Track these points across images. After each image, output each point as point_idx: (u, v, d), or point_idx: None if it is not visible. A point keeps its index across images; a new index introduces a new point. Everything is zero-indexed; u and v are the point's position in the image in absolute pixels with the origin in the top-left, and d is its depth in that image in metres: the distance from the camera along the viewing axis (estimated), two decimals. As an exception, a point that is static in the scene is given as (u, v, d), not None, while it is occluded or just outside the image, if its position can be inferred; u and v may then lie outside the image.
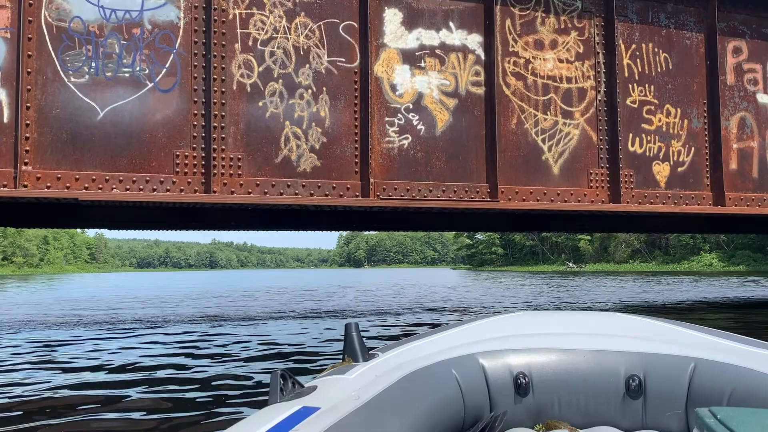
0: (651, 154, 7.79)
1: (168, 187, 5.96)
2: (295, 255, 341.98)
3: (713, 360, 1.85)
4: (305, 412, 1.37)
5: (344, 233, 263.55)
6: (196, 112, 6.11)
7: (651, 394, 1.89)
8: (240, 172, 6.20)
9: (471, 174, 7.03)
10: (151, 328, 10.06)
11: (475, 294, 20.54)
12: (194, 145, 6.09)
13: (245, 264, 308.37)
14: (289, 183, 6.34)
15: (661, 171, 7.80)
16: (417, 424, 1.63)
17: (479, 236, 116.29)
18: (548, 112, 7.41)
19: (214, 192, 6.07)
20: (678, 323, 2.14)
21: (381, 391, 1.61)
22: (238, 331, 9.25)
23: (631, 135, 7.73)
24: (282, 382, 1.57)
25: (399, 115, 6.79)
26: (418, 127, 6.86)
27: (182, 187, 6.02)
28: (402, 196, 6.68)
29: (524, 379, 1.93)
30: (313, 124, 6.49)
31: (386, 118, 6.74)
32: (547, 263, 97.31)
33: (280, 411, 1.37)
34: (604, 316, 2.22)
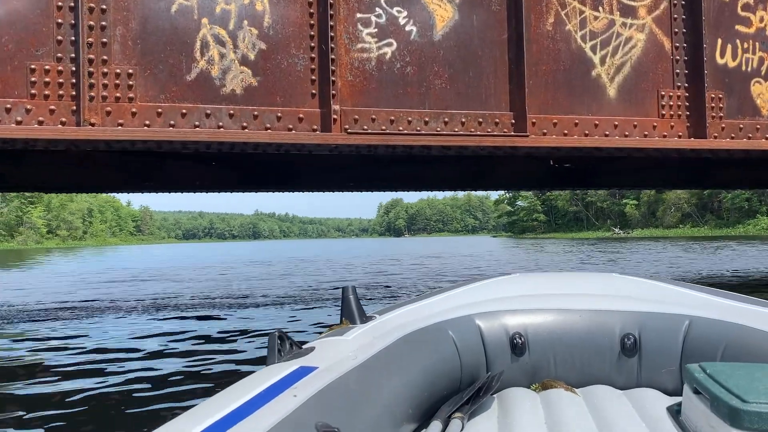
0: (749, 69, 5.42)
1: (19, 118, 3.93)
2: (336, 225, 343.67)
3: (707, 317, 1.86)
4: (303, 372, 1.38)
5: (384, 202, 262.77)
6: (61, 3, 4.04)
7: (646, 351, 1.90)
8: (132, 95, 4.13)
9: (487, 97, 4.82)
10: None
11: (522, 263, 18.49)
12: (59, 55, 4.02)
13: (288, 234, 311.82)
14: (208, 111, 4.24)
15: (765, 93, 5.44)
16: (414, 384, 1.65)
17: (520, 203, 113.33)
18: (600, 8, 5.11)
19: (92, 124, 4.02)
20: (673, 282, 2.14)
21: (378, 351, 1.63)
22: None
23: (720, 41, 5.37)
24: (280, 343, 1.55)
25: (378, 9, 4.60)
26: (408, 28, 4.67)
27: (41, 118, 3.97)
28: (383, 129, 4.52)
29: (520, 339, 1.95)
30: (246, 22, 4.36)
31: (358, 14, 4.56)
32: (592, 229, 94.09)
33: (277, 371, 1.37)
34: (600, 276, 2.26)
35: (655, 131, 5.18)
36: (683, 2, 5.29)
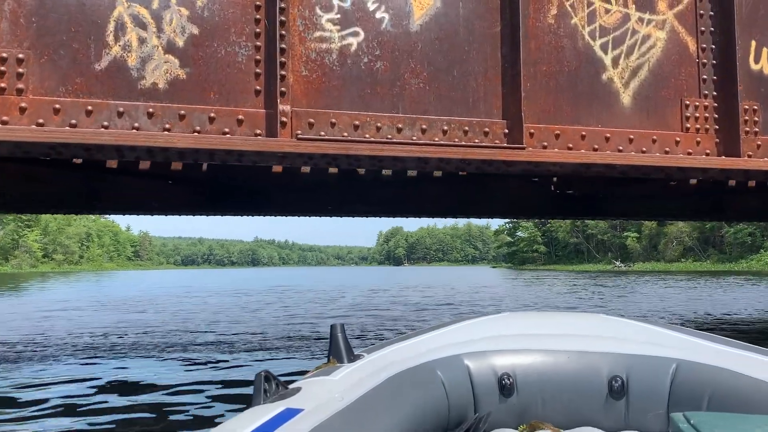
0: (788, 77, 4.56)
1: None
2: (336, 253, 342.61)
3: (694, 361, 1.86)
4: (288, 414, 1.38)
5: (383, 230, 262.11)
6: (-66, -31, 3.19)
7: (633, 395, 1.91)
8: (21, 86, 3.25)
9: (474, 101, 3.94)
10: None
11: (521, 300, 17.56)
12: (-72, 33, 3.17)
13: (287, 261, 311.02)
14: (121, 108, 3.36)
15: (806, 105, 4.57)
16: (401, 426, 1.66)
17: (520, 233, 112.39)
18: (613, 0, 4.27)
19: (-33, 121, 3.14)
20: (660, 324, 2.12)
21: (365, 392, 1.63)
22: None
23: (754, 43, 4.51)
24: (266, 384, 1.54)
25: (341, -9, 3.75)
26: (378, 16, 3.81)
27: None
28: (345, 136, 3.63)
29: (509, 380, 1.95)
30: (174, 1, 3.50)
31: (316, -4, 3.71)
32: (593, 262, 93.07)
33: (263, 413, 1.37)
34: (589, 317, 2.24)
35: (678, 147, 4.29)
36: (711, -4, 4.45)
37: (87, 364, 7.17)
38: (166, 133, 3.33)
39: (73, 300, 19.66)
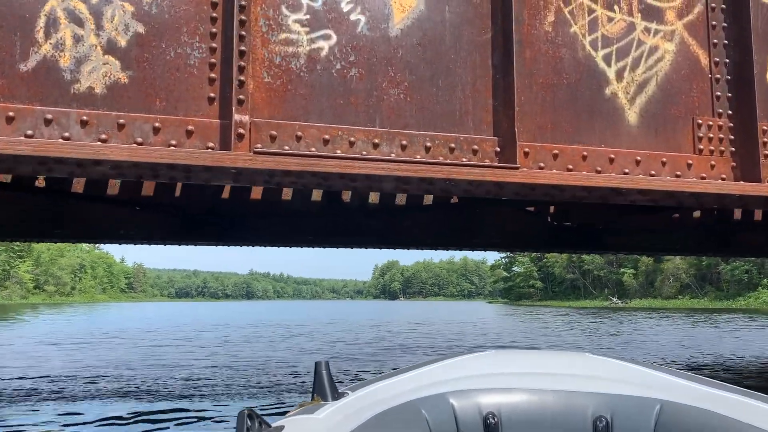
0: (810, 95, 4.12)
1: None
2: (331, 286, 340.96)
3: (679, 402, 1.88)
4: None
5: (379, 264, 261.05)
6: None
7: None
8: (-70, 87, 2.79)
9: (462, 116, 3.48)
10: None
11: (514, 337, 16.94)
12: None
13: (281, 295, 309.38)
14: (50, 115, 2.88)
15: (830, 127, 4.12)
16: None
17: (516, 268, 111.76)
18: (616, 7, 3.85)
19: None
20: (645, 364, 2.13)
21: (350, 431, 1.64)
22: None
23: (771, 58, 4.09)
24: (249, 422, 1.54)
25: (310, -11, 3.32)
26: (353, 18, 3.37)
27: None
28: (312, 151, 3.16)
29: (494, 419, 1.95)
30: (116, -6, 3.06)
31: (282, -6, 3.27)
32: (590, 298, 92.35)
33: None
34: (574, 356, 2.26)
35: (690, 171, 3.82)
36: (723, 6, 4.03)
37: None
38: (98, 143, 2.85)
39: (50, 335, 19.02)
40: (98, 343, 15.77)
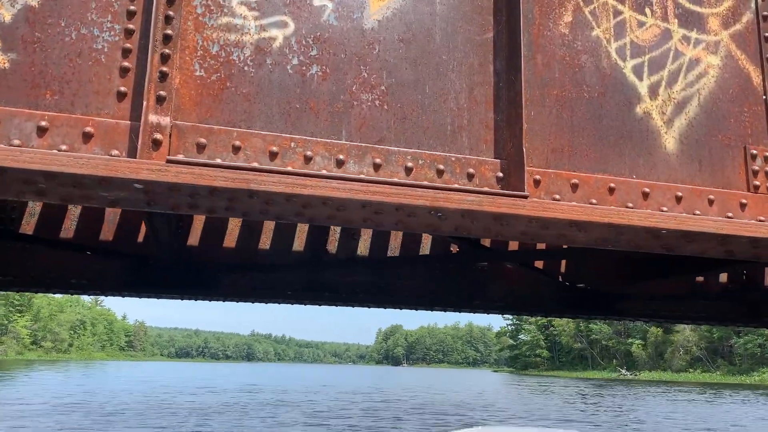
0: None
1: None
2: (333, 350, 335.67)
3: None
4: None
5: (383, 328, 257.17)
6: None
7: None
8: None
9: (455, 131, 2.71)
10: None
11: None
12: None
13: (282, 357, 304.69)
14: None
15: None
16: None
17: (523, 336, 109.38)
18: (648, 10, 3.13)
19: None
20: None
21: None
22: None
23: (836, 81, 3.33)
24: None
25: (263, -36, 2.61)
26: (317, 3, 2.65)
27: None
28: (254, 165, 2.38)
29: None
30: (3, -45, 2.36)
31: (224, -33, 2.57)
32: (597, 369, 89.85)
33: None
34: None
35: (744, 212, 3.01)
36: (777, 15, 3.31)
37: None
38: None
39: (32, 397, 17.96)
40: (53, 411, 14.76)
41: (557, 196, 2.69)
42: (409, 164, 2.60)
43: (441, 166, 2.63)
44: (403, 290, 6.60)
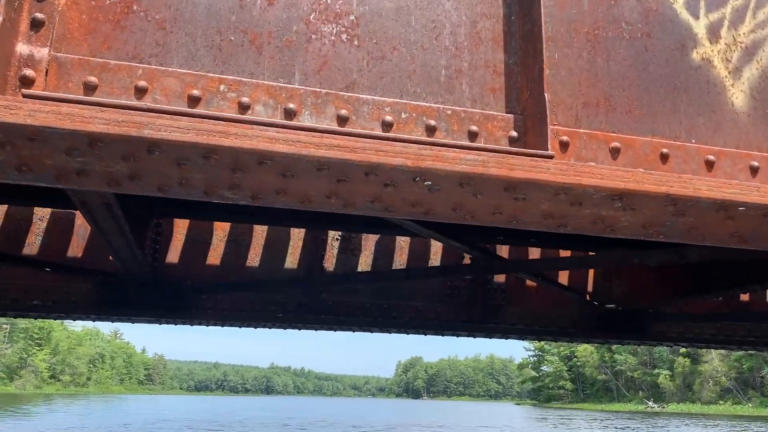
0: None
1: None
2: (352, 383, 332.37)
3: None
4: None
5: (402, 360, 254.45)
6: None
7: None
8: None
9: (450, 75, 2.01)
10: None
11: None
12: None
13: (301, 390, 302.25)
14: None
15: None
16: None
17: (545, 368, 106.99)
18: (702, -68, 2.43)
19: None
20: None
21: None
22: None
23: None
24: None
25: None
26: None
27: None
28: (164, 107, 1.69)
29: None
30: None
31: None
32: (623, 401, 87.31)
33: None
34: None
35: (842, 188, 2.25)
36: None
37: None
38: None
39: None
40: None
41: (592, 159, 1.96)
42: (388, 118, 1.89)
43: (432, 122, 1.92)
44: (408, 312, 5.85)
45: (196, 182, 1.75)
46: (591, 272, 6.52)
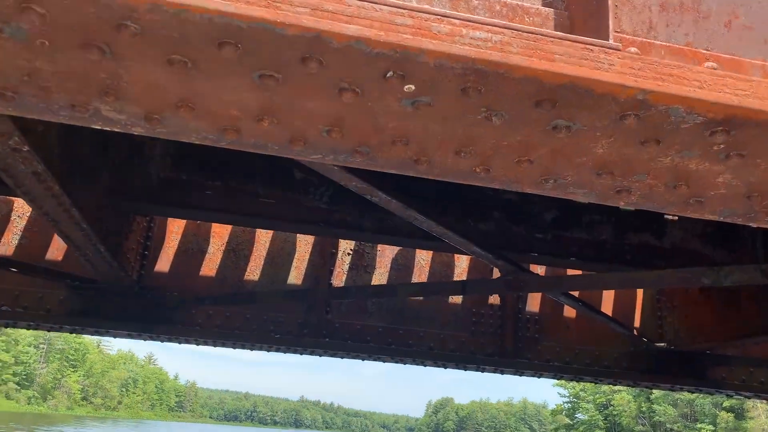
0: None
1: None
2: (382, 420, 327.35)
3: None
4: None
5: (433, 400, 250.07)
6: None
7: None
8: None
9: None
10: None
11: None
12: None
13: (330, 426, 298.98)
14: None
15: None
16: None
17: (580, 415, 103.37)
18: None
19: None
20: None
21: None
22: None
23: None
24: None
25: None
26: None
27: None
28: None
29: None
30: None
31: None
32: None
33: None
34: None
35: None
36: None
37: None
38: None
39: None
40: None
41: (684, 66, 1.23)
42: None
43: None
44: (427, 340, 5.09)
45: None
46: (639, 305, 5.69)
